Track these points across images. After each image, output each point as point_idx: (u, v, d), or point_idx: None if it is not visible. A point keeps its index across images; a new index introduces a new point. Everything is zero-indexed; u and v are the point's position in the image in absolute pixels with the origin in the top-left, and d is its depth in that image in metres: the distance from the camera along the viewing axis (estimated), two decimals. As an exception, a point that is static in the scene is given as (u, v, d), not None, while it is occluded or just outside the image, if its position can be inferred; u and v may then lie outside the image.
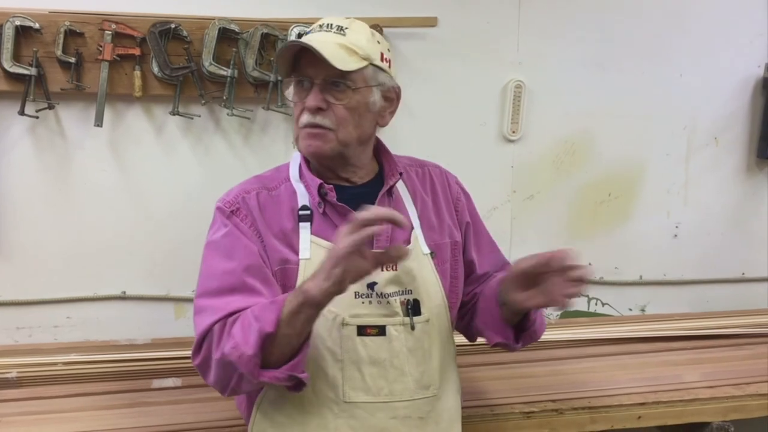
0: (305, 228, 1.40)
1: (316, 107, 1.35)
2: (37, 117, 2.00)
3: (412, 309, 1.40)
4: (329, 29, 1.38)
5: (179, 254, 2.15)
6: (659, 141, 2.54)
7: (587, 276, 1.28)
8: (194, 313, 1.36)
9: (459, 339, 1.63)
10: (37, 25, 1.92)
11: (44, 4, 1.96)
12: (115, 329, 2.19)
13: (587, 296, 2.58)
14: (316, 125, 1.36)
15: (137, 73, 2.01)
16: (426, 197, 1.53)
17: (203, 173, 2.17)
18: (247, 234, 1.39)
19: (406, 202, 1.49)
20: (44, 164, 2.08)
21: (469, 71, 2.32)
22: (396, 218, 1.17)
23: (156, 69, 2.02)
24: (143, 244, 2.18)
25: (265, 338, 1.21)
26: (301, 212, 1.40)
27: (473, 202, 1.64)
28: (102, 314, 2.20)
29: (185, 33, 2.01)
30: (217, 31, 2.02)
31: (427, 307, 1.42)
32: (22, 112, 1.96)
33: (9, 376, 1.92)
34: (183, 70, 2.02)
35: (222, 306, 1.31)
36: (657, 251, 2.62)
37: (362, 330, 1.37)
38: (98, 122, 2.00)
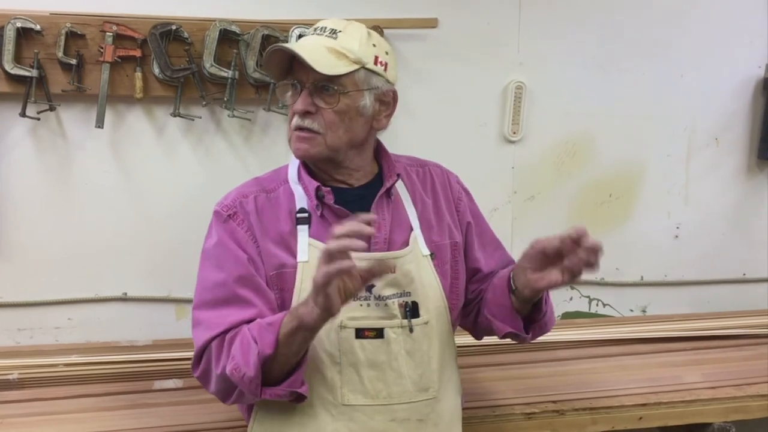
0: (303, 231, 1.40)
1: (304, 111, 1.36)
2: (38, 118, 2.00)
3: (411, 311, 1.40)
4: (322, 33, 1.38)
5: (180, 255, 2.14)
6: (660, 141, 2.53)
7: (599, 246, 1.23)
8: (192, 325, 1.39)
9: (459, 340, 1.63)
10: (38, 27, 1.92)
11: (45, 6, 1.96)
12: (116, 330, 2.20)
13: (588, 297, 2.58)
14: (305, 128, 1.37)
15: (138, 75, 2.01)
16: (426, 198, 1.53)
17: (204, 174, 2.16)
18: (241, 240, 1.39)
19: (406, 203, 1.49)
20: (45, 166, 2.08)
21: (470, 72, 2.32)
22: (360, 231, 1.14)
23: (157, 70, 2.02)
24: (144, 246, 2.18)
25: (265, 360, 1.25)
26: (299, 215, 1.41)
27: (475, 202, 1.64)
28: (103, 315, 2.20)
29: (186, 34, 2.01)
30: (218, 33, 2.02)
31: (426, 309, 1.42)
32: (24, 114, 1.96)
33: (10, 378, 1.92)
34: (184, 72, 2.02)
35: (217, 320, 1.34)
36: (658, 252, 2.62)
37: (360, 333, 1.37)
38: (99, 124, 2.00)
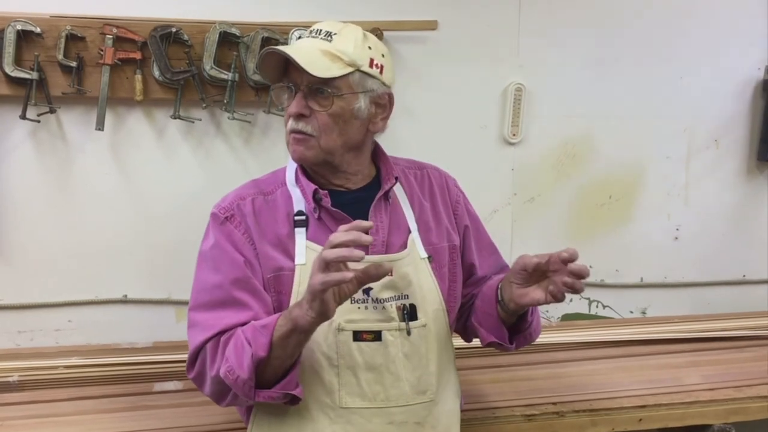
0: (301, 233, 1.40)
1: (298, 113, 1.36)
2: (39, 121, 2.00)
3: (408, 314, 1.41)
4: (317, 35, 1.38)
5: (180, 257, 2.13)
6: (660, 143, 2.54)
7: (585, 273, 1.26)
8: (188, 327, 1.39)
9: (458, 342, 1.63)
10: (39, 30, 1.93)
11: (45, 9, 1.96)
12: (117, 332, 2.20)
13: (588, 299, 2.58)
14: (299, 131, 1.37)
15: (138, 77, 2.01)
16: (424, 201, 1.53)
17: (204, 177, 2.17)
18: (238, 242, 1.39)
19: (404, 206, 1.49)
20: (46, 168, 2.09)
21: (470, 74, 2.32)
22: (358, 239, 1.16)
23: (157, 73, 2.02)
24: (144, 248, 2.18)
25: (259, 362, 1.25)
26: (297, 218, 1.41)
27: (472, 206, 1.64)
28: (103, 318, 2.20)
29: (186, 37, 2.02)
30: (218, 35, 2.02)
31: (424, 312, 1.42)
32: (24, 116, 1.96)
33: (10, 380, 1.92)
34: (184, 74, 2.03)
35: (213, 322, 1.34)
36: (658, 253, 2.62)
37: (358, 335, 1.38)
38: (99, 126, 2.00)
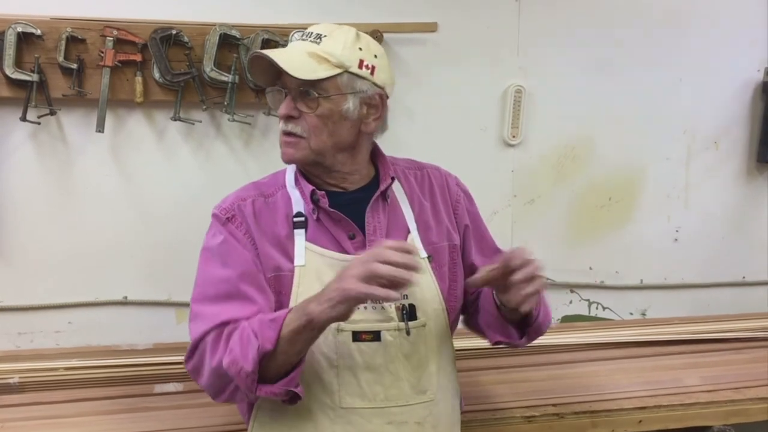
0: (300, 235, 1.40)
1: (287, 115, 1.38)
2: (39, 123, 2.00)
3: (408, 314, 1.41)
4: (307, 38, 1.39)
5: (180, 259, 2.12)
6: (659, 145, 2.54)
7: (537, 272, 1.25)
8: (190, 319, 1.38)
9: (459, 343, 1.63)
10: (39, 32, 1.93)
11: (46, 11, 1.96)
12: (117, 334, 2.20)
13: (588, 300, 2.58)
14: (289, 133, 1.39)
15: (138, 79, 2.01)
16: (424, 201, 1.53)
17: (204, 178, 2.17)
18: (242, 241, 1.40)
19: (403, 206, 1.49)
20: (46, 170, 2.09)
21: (470, 76, 2.32)
22: (412, 264, 1.18)
23: (157, 75, 2.02)
24: (144, 249, 2.18)
25: (264, 355, 1.23)
26: (296, 219, 1.41)
27: (475, 204, 1.63)
28: (103, 319, 2.20)
29: (186, 39, 2.02)
30: (218, 37, 2.02)
31: (423, 312, 1.42)
32: (24, 118, 1.96)
33: (11, 382, 1.92)
34: (184, 76, 2.03)
35: (217, 313, 1.33)
36: (658, 255, 2.62)
37: (357, 336, 1.38)
38: (100, 128, 2.00)
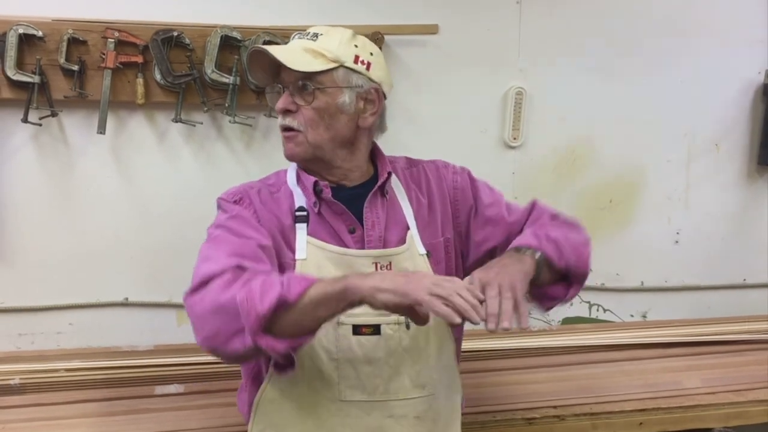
0: (302, 229, 1.41)
1: (284, 109, 1.40)
2: (41, 124, 2.01)
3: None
4: (304, 36, 1.42)
5: (181, 260, 2.12)
6: (660, 147, 2.54)
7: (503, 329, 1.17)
8: (197, 263, 1.29)
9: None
10: (41, 33, 1.93)
11: (47, 13, 1.97)
12: (118, 336, 2.20)
13: (588, 302, 2.58)
14: (287, 127, 1.41)
15: (140, 81, 2.01)
16: (422, 197, 1.54)
17: (205, 180, 2.17)
18: (252, 220, 1.40)
19: (402, 203, 1.50)
20: (47, 171, 2.09)
21: (470, 78, 2.32)
22: (476, 307, 1.12)
23: (158, 76, 2.02)
24: (145, 251, 2.18)
25: (282, 304, 1.14)
26: (298, 213, 1.42)
27: (478, 180, 1.60)
28: (104, 321, 2.20)
29: (188, 41, 2.02)
30: (219, 39, 2.02)
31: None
32: (26, 120, 1.96)
33: (12, 383, 1.93)
34: (185, 78, 2.03)
35: (234, 260, 1.24)
36: (658, 257, 2.62)
37: (357, 329, 1.38)
38: (101, 129, 2.00)
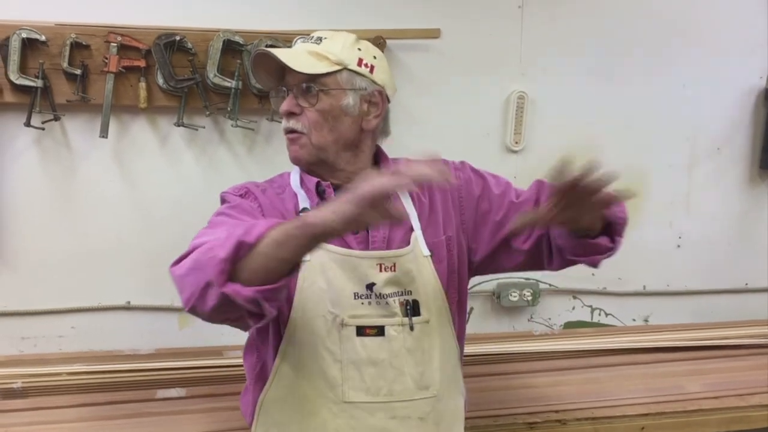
0: None
1: (288, 111, 1.41)
2: (43, 128, 2.01)
3: (411, 310, 1.41)
4: (308, 40, 1.43)
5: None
6: (662, 151, 2.53)
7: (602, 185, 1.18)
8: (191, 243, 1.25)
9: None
10: (43, 38, 1.94)
11: (50, 17, 1.97)
12: (120, 339, 2.20)
13: (590, 307, 2.58)
14: (291, 130, 1.41)
15: (142, 85, 2.02)
16: (423, 198, 1.54)
17: (207, 184, 2.17)
18: (256, 212, 1.41)
19: (406, 204, 1.50)
20: (50, 175, 2.09)
21: (472, 82, 2.32)
22: (443, 172, 1.09)
23: (161, 80, 2.03)
24: (147, 255, 2.18)
25: (241, 246, 1.12)
26: (302, 214, 1.42)
27: (480, 170, 1.62)
28: (106, 324, 2.20)
29: (190, 45, 2.03)
30: (222, 43, 2.03)
31: (427, 308, 1.43)
32: (28, 124, 1.97)
33: (14, 387, 1.92)
34: (188, 82, 2.04)
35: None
36: (660, 261, 2.62)
37: (361, 330, 1.38)
38: (103, 133, 2.01)
